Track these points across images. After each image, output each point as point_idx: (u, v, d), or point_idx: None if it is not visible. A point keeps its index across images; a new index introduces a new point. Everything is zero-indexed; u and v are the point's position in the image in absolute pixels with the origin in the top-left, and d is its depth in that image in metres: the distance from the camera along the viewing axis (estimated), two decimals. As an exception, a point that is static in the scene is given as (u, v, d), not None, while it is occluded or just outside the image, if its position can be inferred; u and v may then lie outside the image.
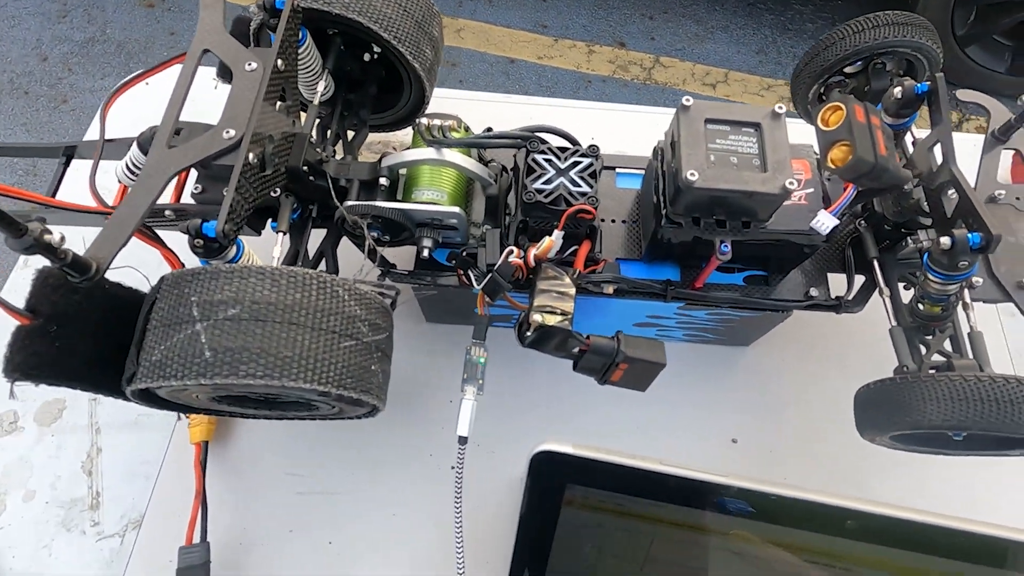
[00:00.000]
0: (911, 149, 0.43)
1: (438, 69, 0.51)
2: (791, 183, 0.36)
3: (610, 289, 0.44)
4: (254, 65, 0.37)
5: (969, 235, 0.34)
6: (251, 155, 0.35)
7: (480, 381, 0.42)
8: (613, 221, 0.48)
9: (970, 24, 1.62)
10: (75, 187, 0.47)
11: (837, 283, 0.46)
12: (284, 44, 0.38)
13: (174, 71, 0.38)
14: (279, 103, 0.40)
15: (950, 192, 0.38)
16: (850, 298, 0.44)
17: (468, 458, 0.49)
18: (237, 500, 0.49)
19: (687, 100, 0.39)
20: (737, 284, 0.46)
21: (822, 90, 0.51)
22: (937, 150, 0.40)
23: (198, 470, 0.46)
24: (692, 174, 0.36)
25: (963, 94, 0.51)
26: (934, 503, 0.49)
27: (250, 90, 0.36)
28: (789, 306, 0.44)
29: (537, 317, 0.36)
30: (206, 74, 0.39)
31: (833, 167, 0.28)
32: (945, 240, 0.34)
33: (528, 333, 0.37)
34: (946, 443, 0.39)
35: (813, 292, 0.45)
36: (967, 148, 0.49)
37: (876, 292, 0.44)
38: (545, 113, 0.68)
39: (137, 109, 0.49)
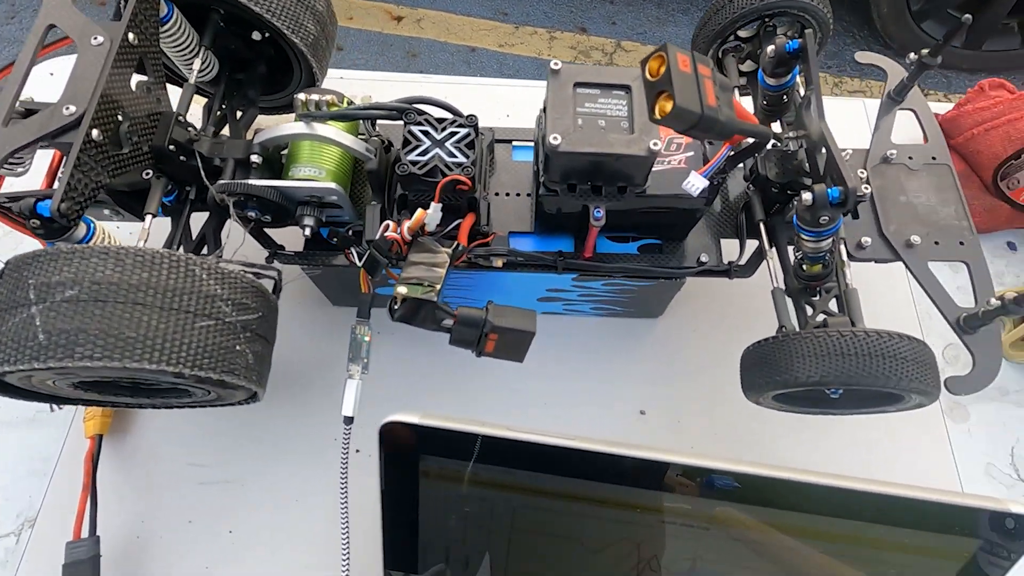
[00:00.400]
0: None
1: (329, 46, 0.50)
2: (655, 144, 0.35)
3: (499, 262, 0.44)
4: (100, 39, 0.35)
5: (829, 190, 0.33)
6: (96, 132, 0.34)
7: (365, 360, 0.41)
8: (508, 195, 0.47)
9: (924, -1, 1.62)
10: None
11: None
12: (137, 17, 0.37)
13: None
14: (139, 80, 0.39)
15: (823, 150, 0.37)
16: (742, 263, 0.44)
17: (373, 440, 0.49)
18: (135, 493, 0.47)
19: (555, 64, 0.38)
20: (631, 253, 0.45)
21: (719, 55, 0.50)
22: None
23: (88, 464, 0.45)
24: (555, 138, 0.35)
25: (861, 56, 0.50)
26: (837, 464, 0.49)
27: (95, 65, 0.35)
28: (680, 273, 0.44)
29: (402, 289, 0.36)
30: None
31: (659, 118, 0.27)
32: (807, 196, 0.34)
33: (395, 307, 0.36)
34: (826, 401, 0.39)
35: (704, 258, 0.44)
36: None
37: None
38: (463, 91, 0.66)
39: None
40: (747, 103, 0.47)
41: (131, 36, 0.36)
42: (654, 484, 0.30)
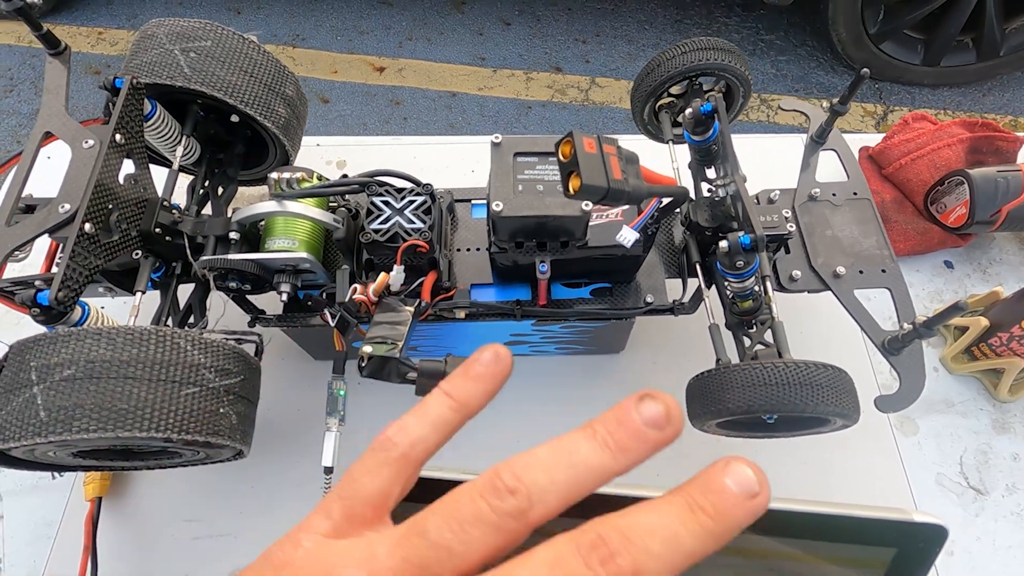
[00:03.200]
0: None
1: (300, 124, 0.54)
2: (587, 205, 0.39)
3: (461, 314, 0.47)
4: (91, 142, 0.40)
5: (740, 238, 0.37)
6: (88, 225, 0.38)
7: (341, 412, 0.44)
8: (468, 250, 0.51)
9: (881, 22, 1.70)
10: None
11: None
12: (123, 119, 0.42)
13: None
14: (127, 173, 0.43)
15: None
16: (685, 301, 0.48)
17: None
18: (134, 552, 0.50)
19: (496, 138, 0.42)
20: (584, 297, 0.49)
21: (655, 110, 0.55)
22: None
23: (88, 526, 0.48)
24: (497, 205, 0.40)
25: (786, 103, 0.55)
26: (794, 483, 0.52)
27: (86, 166, 0.39)
28: (628, 313, 0.48)
29: (367, 348, 0.39)
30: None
31: (572, 193, 0.31)
32: (723, 244, 0.38)
33: (363, 364, 0.40)
34: (764, 426, 0.42)
35: (649, 298, 0.48)
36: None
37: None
38: (431, 151, 0.71)
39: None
40: (684, 151, 0.52)
41: (118, 137, 0.41)
42: (591, 514, 0.33)
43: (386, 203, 0.44)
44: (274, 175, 0.46)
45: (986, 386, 0.56)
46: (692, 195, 0.47)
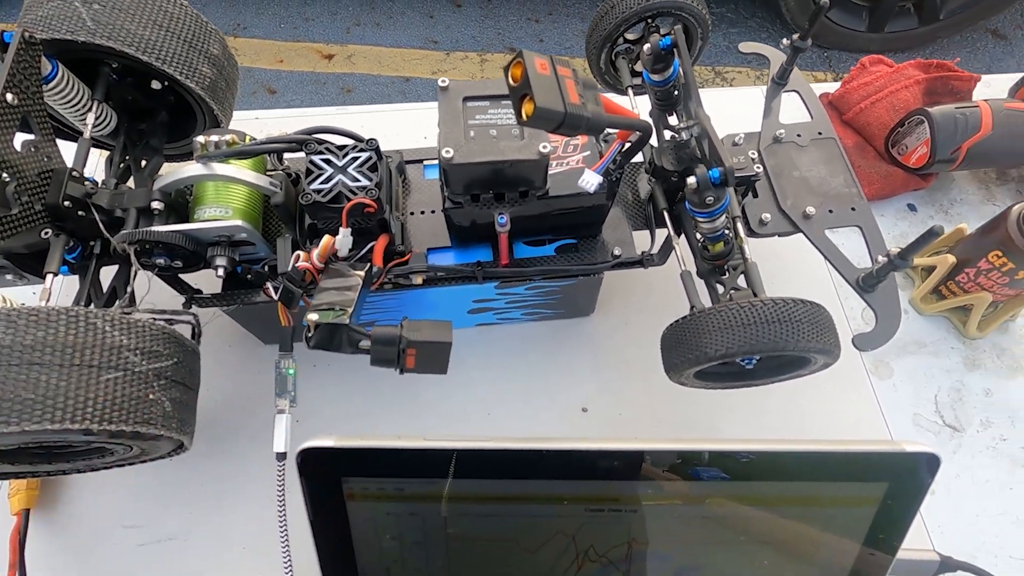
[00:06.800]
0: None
1: (230, 87, 0.50)
2: (544, 147, 0.36)
3: (418, 279, 0.44)
4: (-25, 102, 0.35)
5: (709, 172, 0.35)
6: (-26, 196, 0.33)
7: (292, 393, 0.41)
8: (423, 212, 0.47)
9: (825, -10, 1.71)
10: None
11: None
12: (15, 77, 0.37)
13: None
14: (25, 139, 0.38)
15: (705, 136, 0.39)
16: (654, 252, 0.46)
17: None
18: (70, 566, 0.45)
19: (443, 81, 0.39)
20: (549, 255, 0.46)
21: (612, 58, 0.52)
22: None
23: (14, 542, 0.43)
24: (447, 151, 0.36)
25: (744, 46, 0.53)
26: (775, 434, 0.51)
27: (-30, 129, 0.34)
28: (595, 268, 0.45)
29: (313, 316, 0.36)
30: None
31: (526, 119, 0.29)
32: (691, 180, 0.36)
33: (309, 334, 0.36)
34: (743, 373, 0.40)
35: (617, 252, 0.45)
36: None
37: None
38: (380, 118, 0.67)
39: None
40: (644, 101, 0.49)
41: (9, 97, 0.36)
42: (576, 474, 0.30)
43: (327, 161, 0.41)
44: (201, 138, 0.41)
45: (955, 324, 0.56)
46: (655, 140, 0.45)
